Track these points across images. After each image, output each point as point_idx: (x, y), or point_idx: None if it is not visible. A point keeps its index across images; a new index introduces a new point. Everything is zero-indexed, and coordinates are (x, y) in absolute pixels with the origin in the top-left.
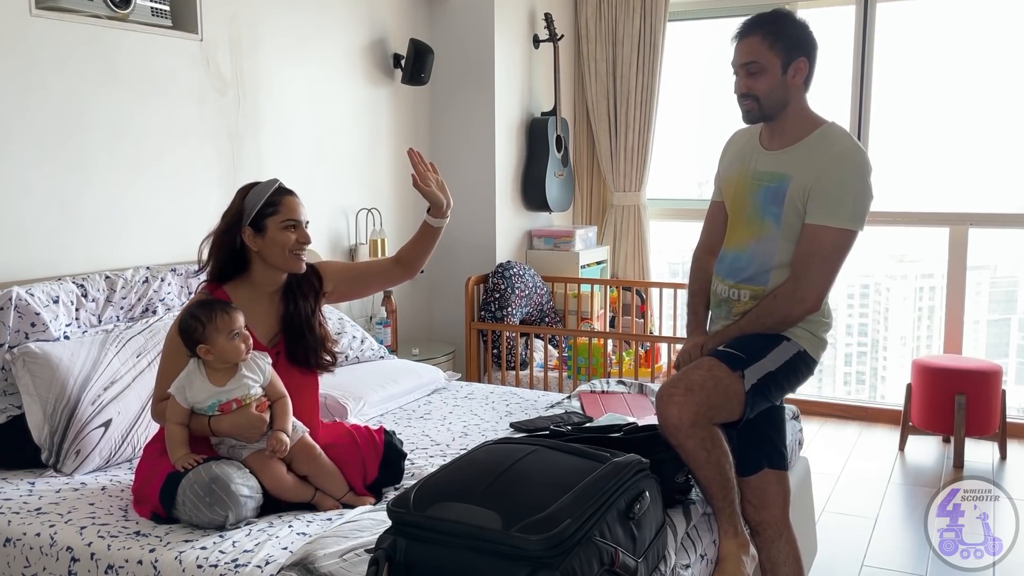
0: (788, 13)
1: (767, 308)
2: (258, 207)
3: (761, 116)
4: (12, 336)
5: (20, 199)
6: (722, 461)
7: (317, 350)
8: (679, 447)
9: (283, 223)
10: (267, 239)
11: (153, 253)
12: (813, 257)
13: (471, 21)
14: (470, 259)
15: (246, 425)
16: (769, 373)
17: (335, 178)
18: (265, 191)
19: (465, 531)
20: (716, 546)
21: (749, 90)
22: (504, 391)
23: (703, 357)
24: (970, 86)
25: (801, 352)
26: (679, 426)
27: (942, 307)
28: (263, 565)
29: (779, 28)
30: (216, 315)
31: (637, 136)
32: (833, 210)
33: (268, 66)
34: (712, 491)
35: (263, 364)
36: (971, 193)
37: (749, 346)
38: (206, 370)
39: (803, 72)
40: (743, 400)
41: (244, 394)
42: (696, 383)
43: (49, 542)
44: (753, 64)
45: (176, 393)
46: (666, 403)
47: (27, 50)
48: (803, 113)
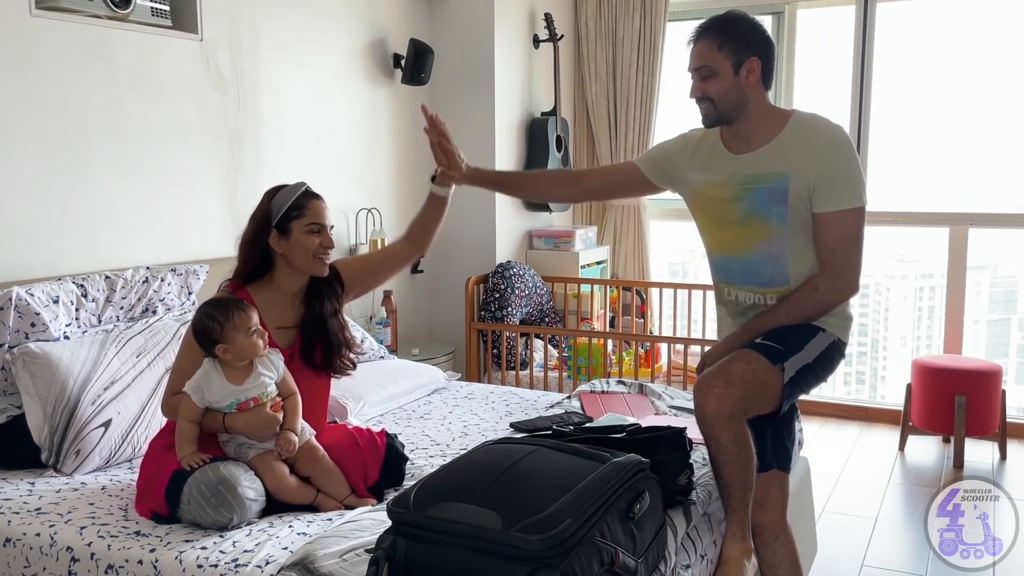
0: (739, 15)
1: (807, 300)
2: (283, 210)
3: (719, 118)
4: (12, 336)
5: (20, 199)
6: (749, 460)
7: (338, 352)
8: (713, 439)
9: (307, 227)
10: (291, 242)
11: (153, 253)
12: (843, 244)
13: (471, 21)
14: (470, 259)
15: (259, 424)
16: (806, 366)
17: (335, 178)
18: (291, 194)
19: (465, 531)
20: (717, 546)
21: (704, 93)
22: (504, 391)
23: (740, 350)
24: (970, 86)
25: (835, 341)
26: (717, 417)
27: (942, 307)
28: (263, 565)
29: (728, 30)
30: (233, 313)
31: (637, 136)
32: (847, 193)
33: (268, 66)
34: (732, 490)
35: (276, 360)
36: (971, 193)
37: (787, 338)
38: (223, 369)
39: (756, 72)
40: (779, 394)
41: (262, 392)
42: (736, 376)
43: (49, 542)
44: (704, 68)
45: (192, 393)
46: (705, 394)
47: (27, 50)
48: (765, 110)
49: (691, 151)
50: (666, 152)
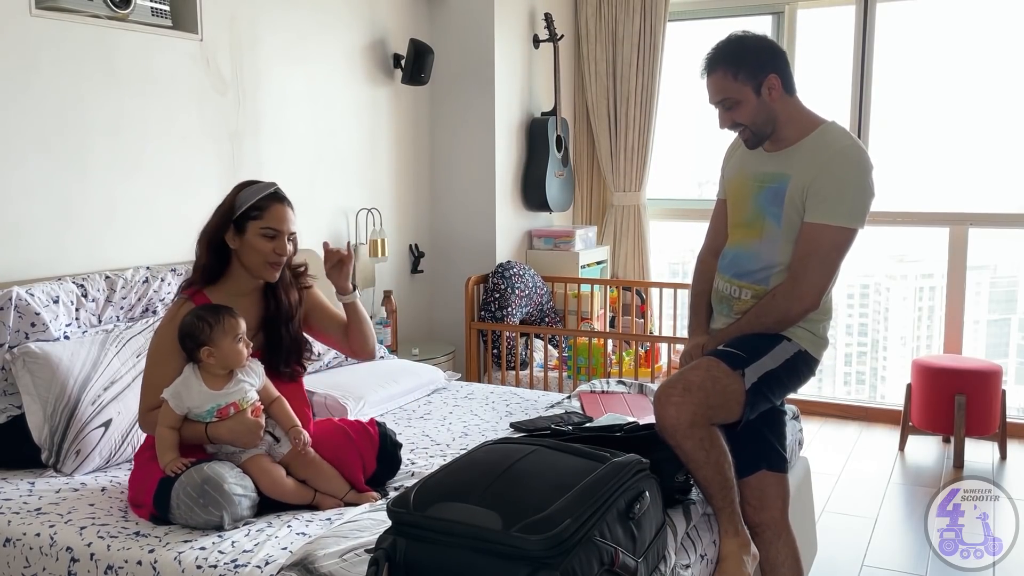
0: (742, 36)
1: (766, 307)
2: (244, 207)
3: (759, 138)
4: (12, 336)
5: (20, 199)
6: (721, 461)
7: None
8: (677, 448)
9: (263, 229)
10: (244, 242)
11: (153, 253)
12: (811, 256)
13: (471, 21)
14: (470, 259)
15: (243, 431)
16: (769, 372)
17: (335, 178)
18: (257, 193)
19: (465, 531)
20: (716, 546)
21: (734, 122)
22: (504, 391)
23: (702, 357)
24: (970, 86)
25: (801, 352)
26: (677, 427)
27: (942, 307)
28: (263, 565)
29: (738, 56)
30: (223, 318)
31: (637, 136)
32: (831, 208)
33: (268, 66)
34: (711, 491)
35: (258, 368)
36: (971, 193)
37: (749, 345)
38: (203, 375)
39: (777, 87)
40: (743, 400)
41: (241, 398)
42: (694, 383)
43: (49, 542)
44: (727, 100)
45: (171, 398)
46: (664, 404)
47: (27, 50)
48: (798, 116)
49: (731, 151)
50: (722, 170)
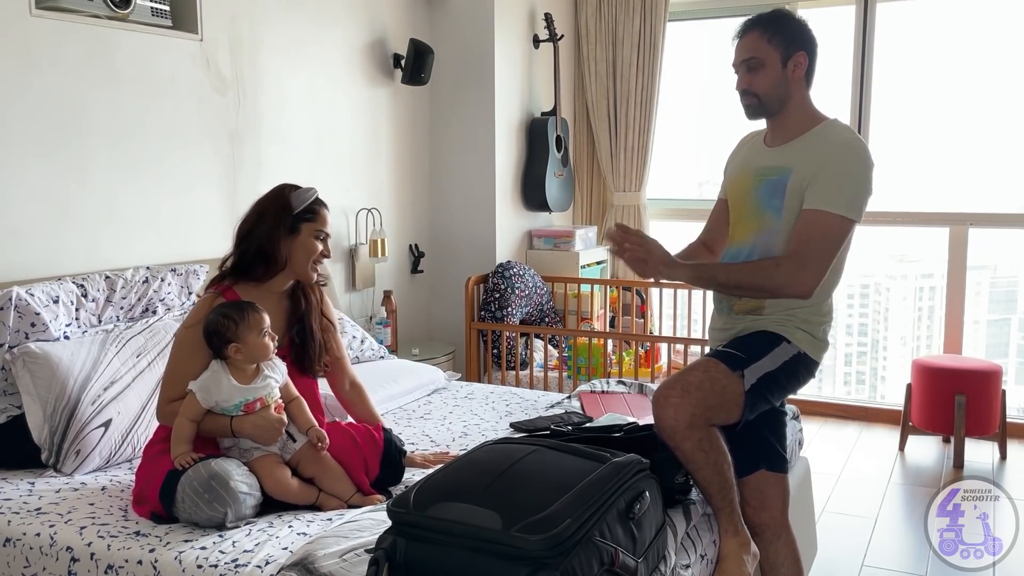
0: (787, 11)
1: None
2: (300, 209)
3: (763, 111)
4: (12, 336)
5: (20, 199)
6: (720, 462)
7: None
8: (676, 449)
9: (316, 231)
10: (297, 242)
11: (153, 253)
12: (821, 242)
13: (471, 21)
14: (470, 259)
15: (266, 427)
16: (768, 373)
17: (335, 178)
18: (310, 196)
19: (465, 531)
20: (716, 546)
21: (749, 86)
22: (504, 391)
23: (701, 357)
24: (970, 86)
25: (801, 354)
26: (676, 428)
27: (942, 307)
28: (263, 565)
29: (777, 24)
30: (248, 313)
31: (637, 136)
32: (832, 196)
33: (268, 66)
34: (711, 491)
35: (280, 365)
36: (971, 193)
37: (748, 346)
38: (231, 370)
39: (803, 66)
40: (742, 401)
41: (268, 393)
42: (693, 384)
43: (49, 542)
44: (752, 59)
45: (198, 391)
46: (662, 405)
47: (27, 50)
48: (805, 109)
49: (735, 152)
50: (724, 171)
